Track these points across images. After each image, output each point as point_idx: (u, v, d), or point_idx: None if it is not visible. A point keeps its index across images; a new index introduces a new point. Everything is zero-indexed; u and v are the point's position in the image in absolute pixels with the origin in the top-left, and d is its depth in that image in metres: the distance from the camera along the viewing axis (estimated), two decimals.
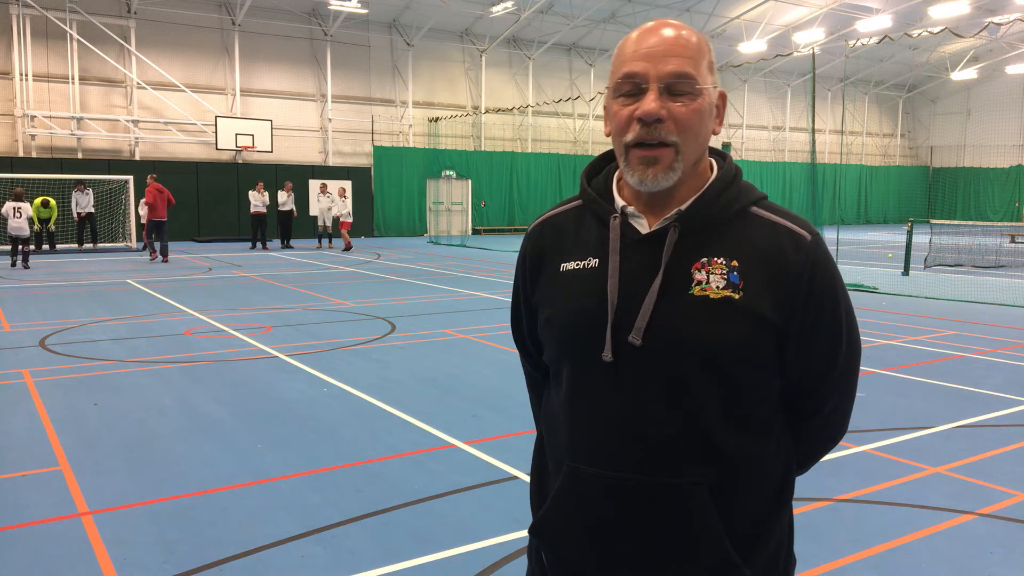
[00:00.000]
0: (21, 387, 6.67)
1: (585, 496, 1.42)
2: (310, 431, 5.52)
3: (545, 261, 1.51)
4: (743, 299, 1.33)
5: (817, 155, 35.38)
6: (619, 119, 1.37)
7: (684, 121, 1.33)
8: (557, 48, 30.60)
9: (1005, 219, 37.15)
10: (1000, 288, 13.69)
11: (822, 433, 1.54)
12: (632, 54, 1.35)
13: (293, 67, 25.88)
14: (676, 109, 1.32)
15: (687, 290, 1.35)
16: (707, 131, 1.38)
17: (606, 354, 1.36)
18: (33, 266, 16.63)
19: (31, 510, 4.14)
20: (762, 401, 1.41)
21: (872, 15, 29.94)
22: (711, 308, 1.33)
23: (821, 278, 1.37)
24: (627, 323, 1.35)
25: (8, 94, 22.04)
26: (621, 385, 1.37)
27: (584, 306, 1.40)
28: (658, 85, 1.32)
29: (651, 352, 1.34)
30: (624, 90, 1.36)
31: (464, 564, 3.53)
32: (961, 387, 6.80)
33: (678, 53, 1.33)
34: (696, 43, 1.36)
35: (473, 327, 9.56)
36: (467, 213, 29.12)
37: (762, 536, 1.42)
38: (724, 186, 1.41)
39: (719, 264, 1.35)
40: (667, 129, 1.32)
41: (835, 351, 1.42)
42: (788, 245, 1.37)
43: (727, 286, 1.34)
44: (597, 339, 1.38)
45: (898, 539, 3.83)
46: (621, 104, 1.37)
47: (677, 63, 1.32)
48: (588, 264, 1.43)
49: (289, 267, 16.91)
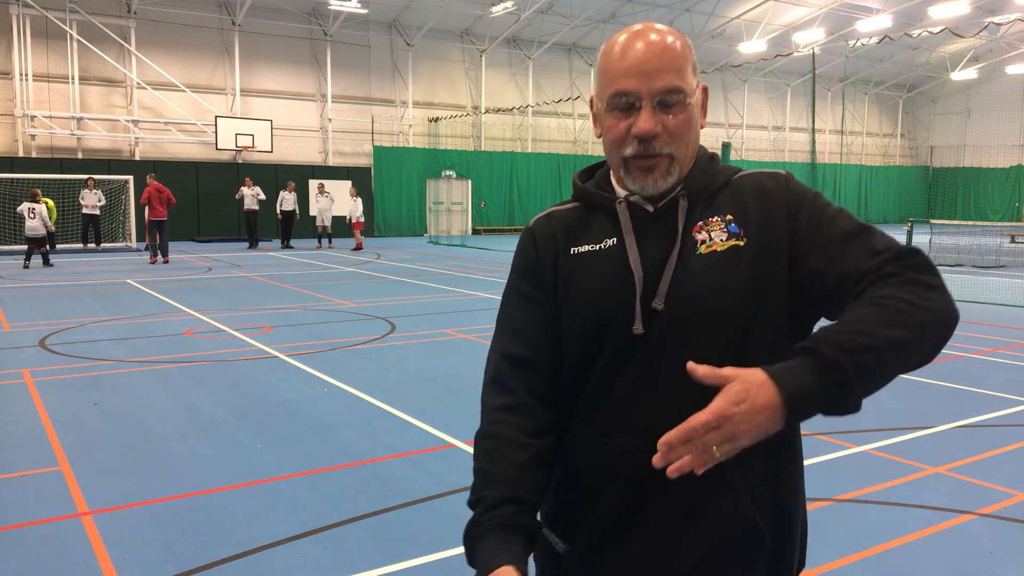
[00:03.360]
0: (21, 387, 6.67)
1: (611, 471, 1.42)
2: (310, 431, 5.52)
3: (558, 243, 1.52)
4: (748, 244, 1.39)
5: (817, 155, 35.45)
6: (616, 133, 1.41)
7: (677, 132, 1.40)
8: (557, 48, 30.59)
9: (1005, 219, 37.15)
10: (1000, 288, 13.69)
11: (904, 290, 1.27)
12: (623, 71, 1.39)
13: (293, 67, 25.88)
14: (669, 122, 1.39)
15: (694, 252, 1.40)
16: (696, 133, 1.46)
17: (637, 327, 1.39)
18: (33, 266, 16.64)
19: (31, 510, 4.14)
20: (783, 351, 1.34)
21: (872, 15, 29.93)
22: (721, 260, 1.39)
23: (796, 188, 1.44)
24: (652, 296, 1.40)
25: (8, 94, 22.04)
26: (651, 356, 1.40)
27: (608, 283, 1.43)
28: (651, 101, 1.38)
29: (677, 316, 1.38)
30: (617, 105, 1.41)
31: (464, 564, 3.52)
32: (961, 387, 6.80)
33: (667, 67, 1.37)
34: (680, 50, 1.40)
35: (473, 327, 9.56)
36: (467, 213, 29.12)
37: (778, 493, 1.43)
38: (707, 163, 1.49)
39: (715, 222, 1.42)
40: (662, 142, 1.39)
41: (838, 221, 1.39)
42: (767, 182, 1.46)
43: (729, 236, 1.40)
44: (622, 314, 1.41)
45: (898, 539, 3.83)
46: (616, 118, 1.41)
47: (668, 78, 1.37)
48: (605, 245, 1.47)
49: (289, 267, 16.91)
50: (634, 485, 1.41)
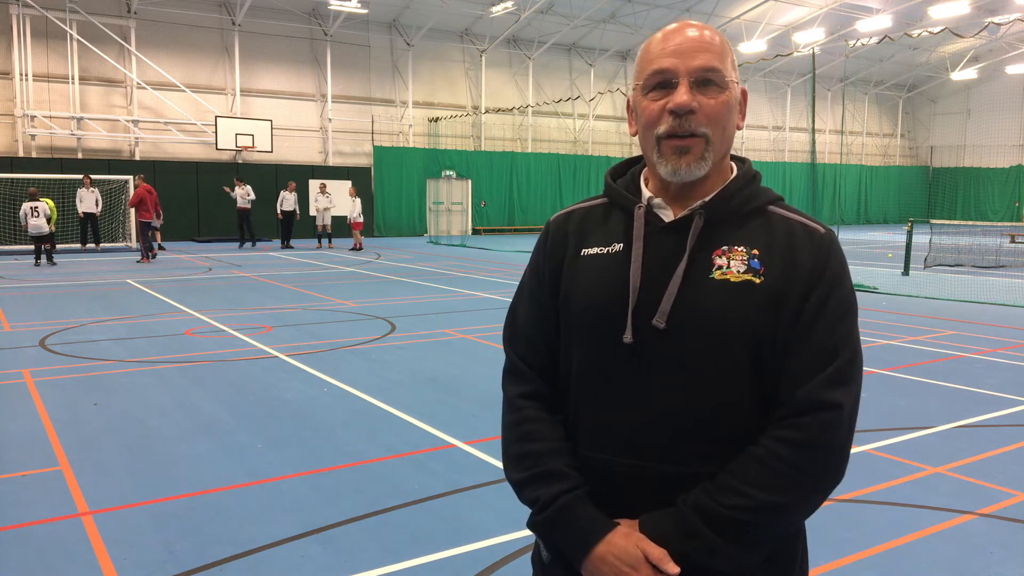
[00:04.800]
0: (21, 387, 6.67)
1: (591, 484, 1.44)
2: (310, 431, 5.52)
3: (568, 244, 1.53)
4: (764, 283, 1.37)
5: (817, 155, 35.41)
6: (650, 112, 1.41)
7: (713, 113, 1.38)
8: (557, 48, 30.59)
9: (1005, 219, 37.15)
10: (1000, 288, 13.69)
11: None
12: (660, 52, 1.40)
13: (293, 67, 25.87)
14: (705, 101, 1.38)
15: (708, 275, 1.38)
16: (733, 124, 1.43)
17: (627, 336, 1.38)
18: (33, 267, 16.65)
19: (31, 510, 4.14)
20: (772, 383, 1.40)
21: (872, 15, 29.93)
22: (731, 291, 1.36)
23: (827, 268, 1.39)
24: (648, 308, 1.38)
25: (8, 94, 22.04)
26: (640, 369, 1.39)
27: (605, 289, 1.43)
28: (688, 79, 1.37)
29: (673, 336, 1.37)
30: (654, 84, 1.40)
31: (464, 564, 3.53)
32: (961, 387, 6.80)
33: (706, 49, 1.39)
34: (720, 42, 1.42)
35: (473, 327, 9.56)
36: (467, 213, 29.12)
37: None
38: (745, 183, 1.46)
39: (739, 252, 1.39)
40: (697, 120, 1.37)
41: (835, 335, 1.37)
42: (803, 237, 1.41)
43: (748, 271, 1.38)
44: (617, 323, 1.40)
45: (898, 539, 3.83)
46: (652, 99, 1.41)
47: (705, 58, 1.38)
48: (612, 249, 1.46)
49: (289, 267, 16.91)
50: (614, 496, 1.42)
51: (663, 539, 1.33)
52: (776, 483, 1.31)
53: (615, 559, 1.33)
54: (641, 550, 1.32)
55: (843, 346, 1.36)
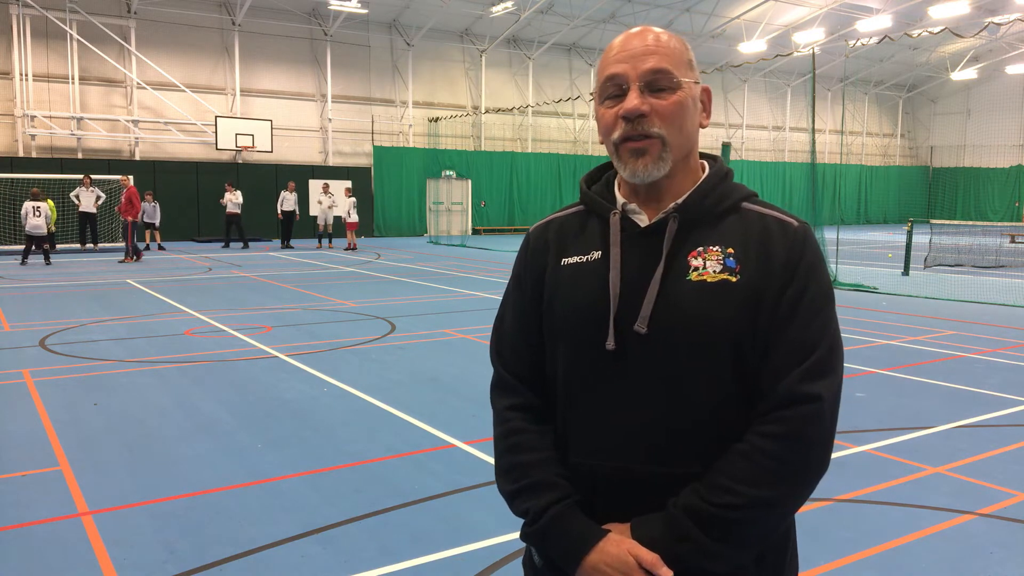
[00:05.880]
0: (21, 387, 6.67)
1: (582, 491, 1.44)
2: (310, 431, 5.52)
3: (549, 253, 1.54)
4: (741, 281, 1.38)
5: (817, 155, 35.38)
6: (607, 120, 1.43)
7: (667, 114, 1.40)
8: (557, 48, 30.59)
9: (1005, 219, 37.15)
10: (1000, 288, 13.68)
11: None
12: (613, 58, 1.43)
13: (293, 67, 25.87)
14: (657, 103, 1.39)
15: (685, 276, 1.39)
16: (692, 124, 1.44)
17: (609, 343, 1.39)
18: (33, 265, 16.65)
19: (31, 510, 4.14)
20: (754, 379, 1.41)
21: (872, 15, 29.94)
22: (709, 291, 1.37)
23: (802, 260, 1.40)
24: (629, 313, 1.39)
25: (8, 94, 22.04)
26: (624, 374, 1.40)
27: (587, 297, 1.44)
28: (638, 83, 1.39)
29: (656, 340, 1.38)
30: (608, 92, 1.43)
31: (464, 564, 3.53)
32: (961, 387, 6.80)
33: (655, 51, 1.40)
34: (672, 43, 1.43)
35: (473, 327, 9.56)
36: (467, 213, 29.12)
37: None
38: (717, 182, 1.47)
39: (715, 251, 1.40)
40: (650, 122, 1.39)
41: (810, 330, 1.37)
42: (777, 232, 1.42)
43: (723, 270, 1.39)
44: (600, 329, 1.41)
45: (898, 539, 3.83)
46: (607, 107, 1.44)
47: (655, 60, 1.39)
48: (591, 257, 1.47)
49: (289, 267, 16.91)
50: (606, 501, 1.43)
51: (655, 543, 1.33)
52: (763, 478, 1.32)
53: (608, 567, 1.34)
54: (633, 556, 1.32)
55: (821, 338, 1.37)
